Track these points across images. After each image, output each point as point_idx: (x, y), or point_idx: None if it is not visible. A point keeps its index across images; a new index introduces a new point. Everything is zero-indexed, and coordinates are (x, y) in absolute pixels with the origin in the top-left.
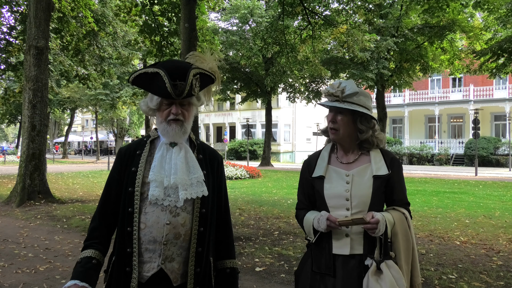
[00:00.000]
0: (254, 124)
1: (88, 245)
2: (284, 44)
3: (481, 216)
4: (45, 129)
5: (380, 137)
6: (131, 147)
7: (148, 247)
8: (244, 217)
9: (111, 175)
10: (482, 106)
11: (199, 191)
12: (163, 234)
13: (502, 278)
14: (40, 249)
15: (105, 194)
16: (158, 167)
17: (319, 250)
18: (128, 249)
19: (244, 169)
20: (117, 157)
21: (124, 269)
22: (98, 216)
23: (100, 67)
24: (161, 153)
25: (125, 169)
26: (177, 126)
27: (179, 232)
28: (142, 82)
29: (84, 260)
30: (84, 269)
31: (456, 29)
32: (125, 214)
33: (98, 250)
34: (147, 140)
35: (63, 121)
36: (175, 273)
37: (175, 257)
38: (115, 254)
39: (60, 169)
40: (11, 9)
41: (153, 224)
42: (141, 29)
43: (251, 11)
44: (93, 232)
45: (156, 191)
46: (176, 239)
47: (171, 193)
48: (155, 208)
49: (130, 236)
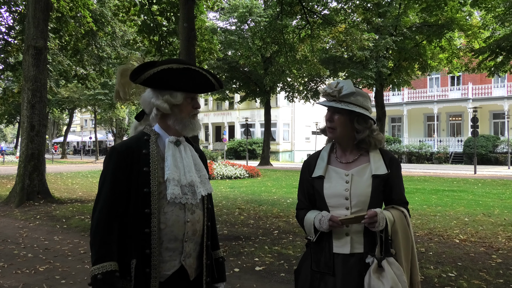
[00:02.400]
0: (253, 123)
1: (104, 255)
2: (282, 44)
3: (480, 214)
4: (44, 129)
5: (378, 138)
6: (132, 146)
7: (169, 246)
8: (243, 217)
9: (115, 176)
10: (481, 104)
11: (208, 187)
12: (184, 231)
13: (502, 276)
14: (39, 250)
15: (111, 196)
16: (173, 166)
17: (319, 249)
18: (147, 250)
19: (243, 168)
20: (116, 156)
21: (143, 271)
22: (107, 220)
23: (99, 67)
24: (171, 152)
25: (131, 168)
26: (198, 119)
27: (196, 228)
28: (159, 79)
29: (107, 276)
30: (111, 286)
31: (454, 27)
32: (141, 216)
33: (115, 259)
34: (148, 138)
35: (62, 121)
36: (191, 268)
37: (191, 253)
38: (135, 257)
39: (59, 169)
40: (9, 9)
41: (174, 223)
42: (140, 28)
43: (249, 10)
44: (105, 238)
45: (176, 190)
46: (194, 235)
47: (187, 191)
48: (173, 207)
49: (149, 237)
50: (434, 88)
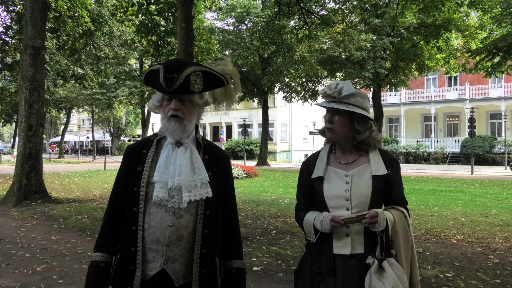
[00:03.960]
0: (250, 123)
1: (97, 246)
2: (280, 44)
3: (477, 214)
4: (41, 128)
5: (377, 138)
6: (138, 146)
7: (152, 247)
8: (241, 217)
9: (119, 175)
10: (478, 104)
11: (203, 192)
12: (166, 235)
13: (499, 276)
14: (37, 249)
15: (114, 193)
16: (163, 168)
17: (319, 250)
18: (132, 248)
19: (241, 168)
20: (124, 155)
21: (128, 267)
22: (107, 215)
23: (96, 67)
24: (166, 153)
25: (131, 168)
26: (176, 123)
27: (181, 234)
28: (149, 80)
29: (94, 264)
30: (94, 274)
31: (451, 28)
32: (130, 213)
33: (107, 251)
34: (154, 139)
35: (59, 120)
36: (177, 273)
37: (177, 258)
38: (120, 252)
39: (57, 169)
40: (7, 8)
41: (156, 225)
42: (138, 28)
43: (247, 10)
44: (103, 230)
45: (160, 192)
46: (179, 241)
47: (175, 194)
48: (159, 209)
49: (135, 235)
50: (431, 88)
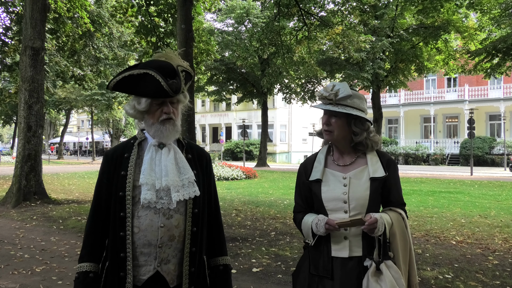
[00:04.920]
0: (250, 124)
1: (83, 256)
2: (280, 45)
3: (476, 215)
4: (41, 129)
5: (375, 139)
6: (118, 150)
7: (143, 250)
8: (240, 218)
9: (100, 180)
10: (477, 106)
11: (191, 191)
12: (158, 237)
13: (498, 277)
14: (36, 250)
15: (96, 200)
16: (148, 170)
17: (318, 253)
18: (121, 254)
19: (240, 169)
20: (104, 160)
21: (118, 274)
22: (91, 222)
23: (96, 68)
24: (150, 155)
25: (113, 172)
26: (170, 125)
27: (173, 234)
28: (126, 85)
29: (81, 275)
30: (83, 285)
31: (450, 29)
32: (117, 219)
33: (94, 260)
34: (134, 142)
35: (59, 121)
36: (171, 274)
37: (170, 259)
38: (108, 259)
39: (56, 170)
40: (6, 9)
41: (147, 228)
42: (137, 30)
43: (246, 11)
44: (87, 240)
45: (148, 195)
46: (171, 241)
47: (163, 195)
48: (148, 211)
49: (123, 241)
50: (431, 89)
